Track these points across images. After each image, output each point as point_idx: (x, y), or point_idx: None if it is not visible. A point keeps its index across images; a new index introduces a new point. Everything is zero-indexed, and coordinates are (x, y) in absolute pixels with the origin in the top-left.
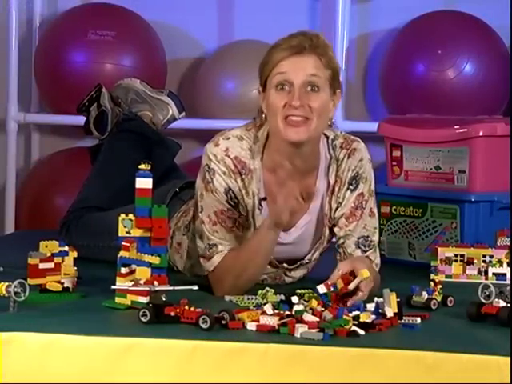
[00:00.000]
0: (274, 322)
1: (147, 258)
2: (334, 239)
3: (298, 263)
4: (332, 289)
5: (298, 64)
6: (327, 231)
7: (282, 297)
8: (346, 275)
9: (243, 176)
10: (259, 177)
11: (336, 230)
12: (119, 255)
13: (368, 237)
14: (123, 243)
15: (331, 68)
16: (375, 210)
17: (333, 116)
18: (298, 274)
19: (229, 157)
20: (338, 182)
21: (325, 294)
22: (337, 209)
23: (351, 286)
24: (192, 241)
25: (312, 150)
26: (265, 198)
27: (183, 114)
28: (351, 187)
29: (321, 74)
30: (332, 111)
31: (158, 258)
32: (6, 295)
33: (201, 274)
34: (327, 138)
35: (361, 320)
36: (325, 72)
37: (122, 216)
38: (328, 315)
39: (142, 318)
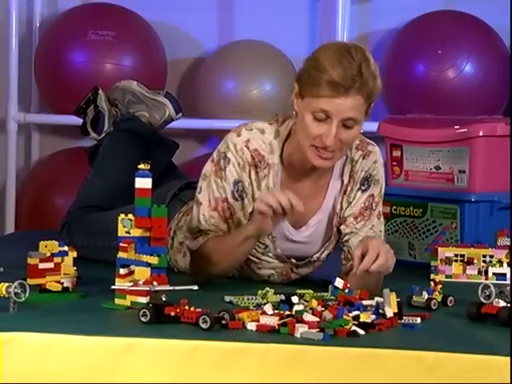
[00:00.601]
0: (274, 321)
1: (146, 258)
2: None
3: (306, 260)
4: (347, 291)
5: (340, 106)
6: (335, 230)
7: (282, 297)
8: (346, 281)
9: (258, 169)
10: (277, 172)
11: (342, 227)
12: (118, 256)
13: (374, 238)
14: (121, 244)
15: (373, 99)
16: (382, 215)
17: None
18: (305, 271)
19: (248, 148)
20: (350, 183)
21: (337, 288)
22: (347, 208)
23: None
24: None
25: None
26: None
27: (180, 114)
28: (363, 188)
29: (360, 112)
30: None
31: (156, 258)
32: (6, 296)
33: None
34: None
35: (361, 320)
36: (365, 106)
37: (122, 216)
38: (328, 315)
39: (142, 318)
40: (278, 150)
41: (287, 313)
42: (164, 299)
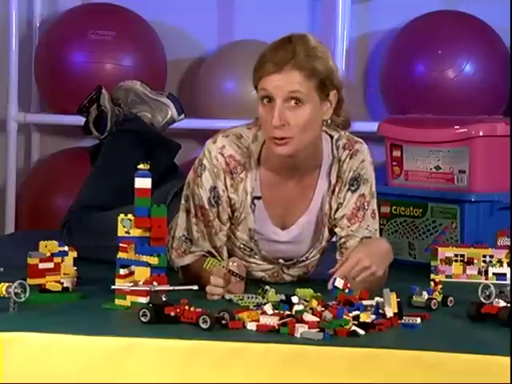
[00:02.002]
0: (274, 321)
1: (145, 258)
2: (334, 239)
3: (295, 260)
4: (347, 291)
5: (277, 82)
6: (326, 231)
7: (282, 297)
8: (346, 281)
9: (234, 175)
10: (255, 176)
11: (337, 230)
12: (117, 257)
13: (371, 238)
14: (121, 245)
15: (317, 77)
16: (376, 212)
17: (328, 118)
18: (296, 272)
19: (222, 155)
20: (338, 182)
21: (337, 288)
22: (337, 209)
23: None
24: None
25: (312, 151)
26: (259, 197)
27: (182, 116)
28: (352, 188)
29: (303, 87)
30: (327, 113)
31: (156, 258)
32: (6, 296)
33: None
34: (331, 137)
35: (361, 320)
36: (309, 83)
37: (122, 216)
38: (328, 315)
39: (142, 318)
40: (255, 154)
41: (287, 313)
42: (164, 299)
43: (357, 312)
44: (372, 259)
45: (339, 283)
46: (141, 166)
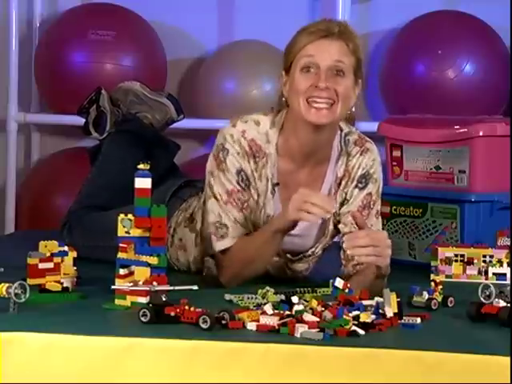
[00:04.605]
0: (274, 321)
1: (145, 258)
2: (337, 239)
3: (301, 255)
4: (347, 291)
5: (325, 48)
6: (331, 225)
7: (282, 297)
8: (346, 282)
9: (257, 159)
10: (274, 162)
11: (341, 226)
12: (117, 257)
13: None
14: (121, 245)
15: (356, 56)
16: (380, 213)
17: (353, 105)
18: (300, 267)
19: (245, 138)
20: (345, 177)
21: (337, 288)
22: (342, 204)
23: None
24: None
25: (328, 138)
26: (277, 184)
27: (182, 116)
28: (360, 185)
29: (347, 60)
30: (353, 99)
31: (156, 258)
32: (6, 296)
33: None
34: (341, 130)
35: (361, 320)
36: (351, 58)
37: (122, 216)
38: (328, 315)
39: (142, 318)
40: (274, 140)
41: (287, 313)
42: (164, 299)
43: (357, 312)
44: (378, 243)
45: (339, 283)
46: (141, 166)
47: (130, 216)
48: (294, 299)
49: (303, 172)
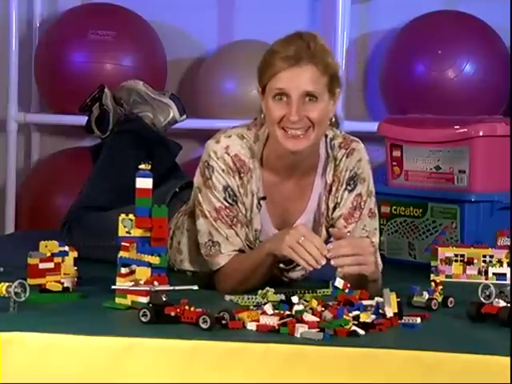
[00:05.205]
0: (274, 321)
1: (147, 258)
2: (330, 240)
3: (294, 263)
4: (347, 291)
5: (295, 77)
6: (324, 231)
7: (282, 297)
8: (346, 282)
9: (242, 175)
10: (259, 176)
11: (332, 230)
12: (119, 255)
13: (368, 238)
14: (123, 243)
15: (329, 73)
16: (375, 211)
17: (332, 116)
18: (295, 275)
19: (228, 154)
20: (335, 182)
21: (337, 288)
22: (334, 209)
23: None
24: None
25: (312, 150)
26: (264, 198)
27: (184, 116)
28: (349, 187)
29: (318, 83)
30: (332, 111)
31: (157, 258)
32: (7, 296)
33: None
34: (326, 136)
35: (361, 320)
36: (323, 79)
37: (122, 216)
38: (328, 315)
39: (142, 318)
40: (258, 154)
41: (287, 313)
42: (164, 299)
43: (357, 312)
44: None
45: (339, 283)
46: (142, 166)
47: (131, 216)
48: (294, 299)
49: (290, 183)
